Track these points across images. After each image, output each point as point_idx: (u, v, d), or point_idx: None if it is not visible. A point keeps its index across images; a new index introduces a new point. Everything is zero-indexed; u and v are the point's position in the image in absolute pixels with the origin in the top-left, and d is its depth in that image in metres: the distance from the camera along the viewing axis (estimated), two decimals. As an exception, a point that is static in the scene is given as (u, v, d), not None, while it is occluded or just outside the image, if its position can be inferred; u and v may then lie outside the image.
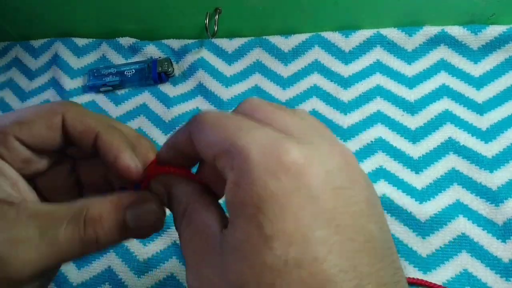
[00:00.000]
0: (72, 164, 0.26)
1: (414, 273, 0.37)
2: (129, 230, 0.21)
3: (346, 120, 0.45)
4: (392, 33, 0.47)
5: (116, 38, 0.53)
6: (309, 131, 0.17)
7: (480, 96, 0.43)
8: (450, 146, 0.41)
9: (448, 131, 0.42)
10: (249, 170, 0.16)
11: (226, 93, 0.49)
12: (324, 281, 0.14)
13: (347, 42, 0.48)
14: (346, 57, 0.48)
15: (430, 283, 0.36)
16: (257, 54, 0.50)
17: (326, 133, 0.19)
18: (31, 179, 0.24)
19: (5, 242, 0.19)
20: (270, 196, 0.15)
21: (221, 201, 0.21)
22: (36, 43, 0.56)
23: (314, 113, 0.46)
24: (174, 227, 0.42)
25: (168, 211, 0.27)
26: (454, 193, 0.39)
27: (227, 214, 0.18)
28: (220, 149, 0.17)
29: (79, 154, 0.26)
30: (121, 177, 0.22)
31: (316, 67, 0.48)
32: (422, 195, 0.39)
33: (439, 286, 0.36)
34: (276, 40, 0.50)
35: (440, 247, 0.37)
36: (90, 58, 0.54)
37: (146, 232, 0.22)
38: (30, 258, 0.19)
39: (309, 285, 0.14)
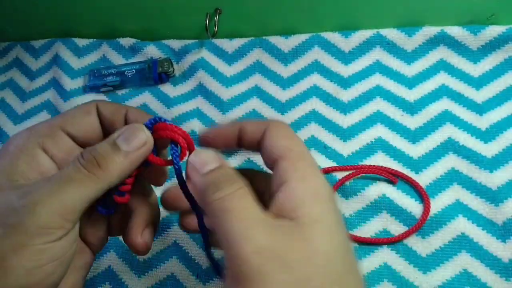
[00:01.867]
0: None
1: (414, 273, 0.37)
2: (124, 151, 0.23)
3: (346, 120, 0.45)
4: (392, 33, 0.47)
5: (117, 39, 0.54)
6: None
7: (480, 96, 0.43)
8: (450, 146, 0.41)
9: (447, 131, 0.42)
10: (316, 177, 0.23)
11: (226, 93, 0.49)
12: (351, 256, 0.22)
13: (347, 42, 0.48)
14: (346, 57, 0.48)
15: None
16: (257, 55, 0.50)
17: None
18: None
19: (20, 197, 0.21)
20: (331, 195, 0.23)
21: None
22: (37, 44, 0.56)
23: (314, 113, 0.46)
24: (174, 228, 0.42)
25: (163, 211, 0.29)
26: (454, 193, 0.39)
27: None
28: (289, 156, 0.23)
29: None
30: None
31: (316, 67, 0.48)
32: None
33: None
34: (276, 40, 0.50)
35: (440, 247, 0.38)
36: (90, 58, 0.54)
37: (141, 149, 0.24)
38: (42, 199, 0.21)
39: (350, 250, 0.22)
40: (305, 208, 0.21)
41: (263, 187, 0.26)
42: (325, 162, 0.43)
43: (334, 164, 0.42)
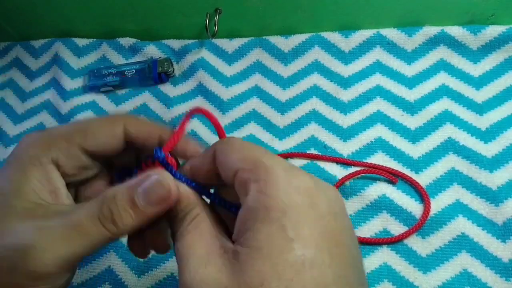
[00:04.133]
0: (111, 177, 0.28)
1: (414, 273, 0.37)
2: (141, 207, 0.22)
3: (346, 120, 0.45)
4: (392, 33, 0.47)
5: (117, 38, 0.53)
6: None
7: (480, 96, 0.43)
8: (450, 146, 0.41)
9: (447, 131, 0.42)
10: (275, 182, 0.19)
11: (226, 93, 0.49)
12: (329, 281, 0.18)
13: (347, 42, 0.48)
14: (346, 57, 0.48)
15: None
16: (257, 54, 0.50)
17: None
18: (76, 188, 0.26)
19: (31, 232, 0.21)
20: (293, 205, 0.19)
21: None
22: (37, 43, 0.56)
23: (314, 113, 0.46)
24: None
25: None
26: (454, 193, 0.39)
27: (232, 227, 0.21)
28: (245, 165, 0.20)
29: (123, 163, 0.28)
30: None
31: (316, 67, 0.48)
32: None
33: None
34: (276, 40, 0.50)
35: (440, 247, 0.38)
36: (90, 58, 0.54)
37: (158, 207, 0.22)
38: (53, 244, 0.21)
39: (318, 284, 0.18)
40: (252, 232, 0.19)
41: None
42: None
43: (334, 164, 0.42)
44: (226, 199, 0.24)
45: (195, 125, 0.47)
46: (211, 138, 0.46)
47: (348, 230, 0.21)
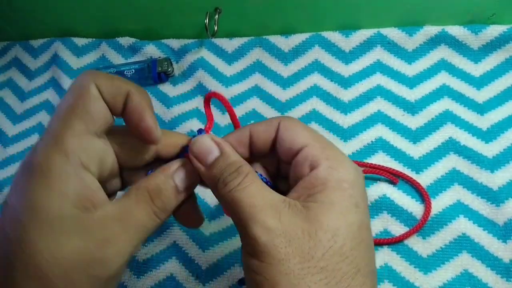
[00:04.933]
0: (121, 177, 0.29)
1: (414, 273, 0.37)
2: (181, 191, 0.25)
3: (346, 120, 0.45)
4: (393, 33, 0.47)
5: (116, 38, 0.53)
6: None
7: (481, 96, 0.43)
8: (451, 146, 0.41)
9: (448, 131, 0.42)
10: (344, 164, 0.24)
11: (226, 93, 0.48)
12: (368, 241, 0.23)
13: (347, 41, 0.48)
14: (347, 57, 0.48)
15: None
16: (257, 54, 0.50)
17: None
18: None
19: (96, 245, 0.22)
20: (356, 183, 0.24)
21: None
22: (36, 43, 0.56)
23: (314, 113, 0.45)
24: (174, 228, 0.42)
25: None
26: (455, 193, 0.39)
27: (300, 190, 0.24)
28: (316, 143, 0.25)
29: (132, 163, 0.28)
30: (142, 138, 0.25)
31: (316, 67, 0.48)
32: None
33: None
34: (276, 40, 0.50)
35: (441, 247, 0.37)
36: (89, 58, 0.54)
37: (193, 188, 0.26)
38: (122, 249, 0.23)
39: (369, 243, 0.23)
40: (327, 192, 0.23)
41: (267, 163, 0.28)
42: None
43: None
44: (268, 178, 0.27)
45: (195, 125, 0.47)
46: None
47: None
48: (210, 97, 0.29)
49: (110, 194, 0.28)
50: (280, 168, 0.28)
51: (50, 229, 0.21)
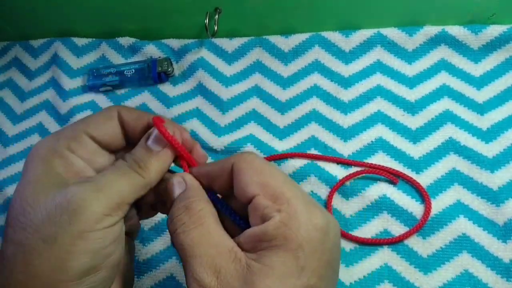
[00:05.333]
0: None
1: (414, 274, 0.37)
2: (155, 151, 0.26)
3: (346, 120, 0.45)
4: (393, 33, 0.47)
5: (116, 38, 0.53)
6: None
7: (481, 96, 0.43)
8: (451, 146, 0.41)
9: (448, 131, 0.42)
10: (297, 218, 0.22)
11: (226, 93, 0.48)
12: None
13: (347, 41, 0.48)
14: (347, 57, 0.48)
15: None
16: (257, 54, 0.50)
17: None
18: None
19: (77, 186, 0.23)
20: (309, 241, 0.21)
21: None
22: (36, 43, 0.56)
23: (314, 113, 0.45)
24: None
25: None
26: (455, 193, 0.39)
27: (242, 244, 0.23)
28: (266, 192, 0.23)
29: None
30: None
31: (316, 67, 0.48)
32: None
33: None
34: (276, 40, 0.50)
35: (441, 247, 0.37)
36: (89, 58, 0.54)
37: (169, 148, 0.27)
38: (104, 188, 0.23)
39: None
40: (269, 254, 0.21)
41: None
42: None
43: (334, 164, 0.42)
44: (235, 212, 0.26)
45: (195, 125, 0.47)
46: (210, 137, 0.46)
47: (340, 255, 0.24)
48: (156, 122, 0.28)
49: None
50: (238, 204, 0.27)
51: (39, 185, 0.23)
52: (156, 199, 0.29)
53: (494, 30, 0.44)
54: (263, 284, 0.20)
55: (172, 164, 0.28)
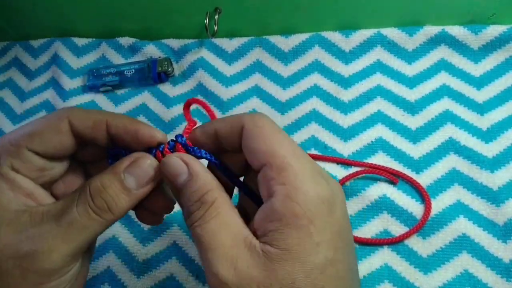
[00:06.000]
0: (84, 169, 0.28)
1: (414, 274, 0.37)
2: (134, 191, 0.23)
3: (346, 120, 0.45)
4: (393, 33, 0.47)
5: (116, 38, 0.53)
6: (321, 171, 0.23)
7: (481, 96, 0.43)
8: (451, 146, 0.41)
9: (448, 131, 0.42)
10: (303, 191, 0.21)
11: (226, 93, 0.48)
12: (343, 274, 0.21)
13: (348, 41, 0.48)
14: (347, 57, 0.48)
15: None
16: (257, 54, 0.50)
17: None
18: (49, 186, 0.26)
19: (28, 240, 0.22)
20: (318, 214, 0.21)
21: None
22: (36, 43, 0.56)
23: (314, 113, 0.45)
24: (174, 228, 0.42)
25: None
26: (455, 194, 0.39)
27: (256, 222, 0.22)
28: (274, 162, 0.21)
29: (90, 157, 0.28)
30: (146, 145, 0.25)
31: (316, 67, 0.48)
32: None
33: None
34: (276, 40, 0.50)
35: (441, 247, 0.37)
36: (89, 58, 0.54)
37: (149, 186, 0.24)
38: (56, 246, 0.22)
39: (336, 278, 0.21)
40: (282, 234, 0.21)
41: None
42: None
43: (334, 164, 0.42)
44: (253, 190, 0.25)
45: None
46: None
47: (350, 225, 0.23)
48: (190, 104, 0.28)
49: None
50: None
51: None
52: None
53: (494, 30, 0.44)
54: (283, 271, 0.20)
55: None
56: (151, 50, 0.52)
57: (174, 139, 0.26)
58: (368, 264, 0.38)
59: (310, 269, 0.20)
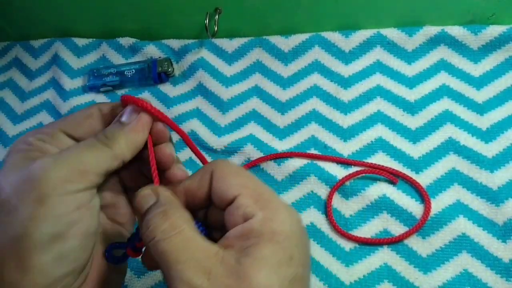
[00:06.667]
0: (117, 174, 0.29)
1: (414, 273, 0.37)
2: (127, 124, 0.26)
3: (346, 120, 0.45)
4: (392, 33, 0.47)
5: (116, 38, 0.53)
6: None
7: (480, 96, 0.43)
8: (450, 146, 0.41)
9: (448, 131, 0.42)
10: (280, 214, 0.23)
11: (226, 93, 0.48)
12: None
13: (347, 42, 0.48)
14: (346, 57, 0.48)
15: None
16: (257, 54, 0.50)
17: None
18: None
19: (39, 159, 0.23)
20: (294, 233, 0.23)
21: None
22: (36, 43, 0.56)
23: (314, 113, 0.46)
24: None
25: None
26: (455, 193, 0.39)
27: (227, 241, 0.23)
28: (248, 192, 0.24)
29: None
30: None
31: (316, 67, 0.48)
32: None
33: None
34: (276, 40, 0.50)
35: (440, 247, 0.37)
36: (90, 58, 0.54)
37: (141, 118, 0.28)
38: (63, 158, 0.24)
39: None
40: (259, 247, 0.22)
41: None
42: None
43: (334, 164, 0.42)
44: (207, 224, 0.26)
45: (195, 125, 0.47)
46: (210, 138, 0.46)
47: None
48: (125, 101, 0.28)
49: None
50: (212, 214, 0.27)
51: (12, 166, 0.24)
52: None
53: (493, 30, 0.44)
54: (258, 276, 0.21)
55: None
56: (151, 50, 0.52)
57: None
58: (368, 264, 0.38)
59: (283, 278, 0.21)
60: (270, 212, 0.23)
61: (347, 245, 0.39)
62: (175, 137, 0.31)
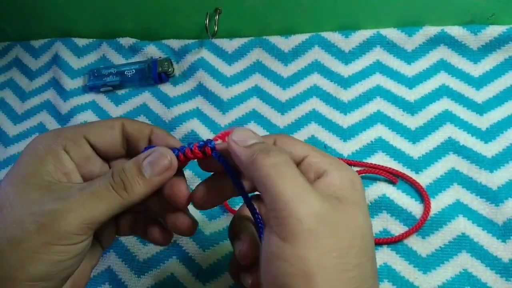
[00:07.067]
0: None
1: (414, 273, 0.37)
2: (147, 176, 0.26)
3: (346, 120, 0.45)
4: (392, 33, 0.47)
5: (116, 38, 0.53)
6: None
7: (480, 96, 0.43)
8: (450, 146, 0.41)
9: (448, 131, 0.42)
10: (347, 168, 0.25)
11: (226, 93, 0.49)
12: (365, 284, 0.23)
13: (347, 42, 0.48)
14: (346, 57, 0.48)
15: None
16: (257, 54, 0.50)
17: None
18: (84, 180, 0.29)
19: (52, 201, 0.24)
20: (360, 182, 0.25)
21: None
22: (37, 43, 0.56)
23: (314, 113, 0.46)
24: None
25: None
26: (454, 193, 0.39)
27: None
28: (314, 152, 0.25)
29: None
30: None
31: (316, 67, 0.48)
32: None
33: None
34: (276, 40, 0.50)
35: (440, 247, 0.38)
36: (90, 58, 0.54)
37: (163, 176, 0.26)
38: (75, 208, 0.24)
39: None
40: (347, 192, 0.23)
41: None
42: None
43: (334, 164, 0.42)
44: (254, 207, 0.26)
45: (195, 125, 0.47)
46: (210, 138, 0.46)
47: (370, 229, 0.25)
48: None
49: None
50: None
51: (24, 185, 0.25)
52: (135, 221, 0.30)
53: (493, 31, 0.44)
54: (356, 215, 0.23)
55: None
56: (152, 51, 0.52)
57: (204, 141, 0.28)
58: (368, 264, 0.38)
59: (370, 223, 0.24)
60: (341, 168, 0.25)
61: (347, 245, 0.39)
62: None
